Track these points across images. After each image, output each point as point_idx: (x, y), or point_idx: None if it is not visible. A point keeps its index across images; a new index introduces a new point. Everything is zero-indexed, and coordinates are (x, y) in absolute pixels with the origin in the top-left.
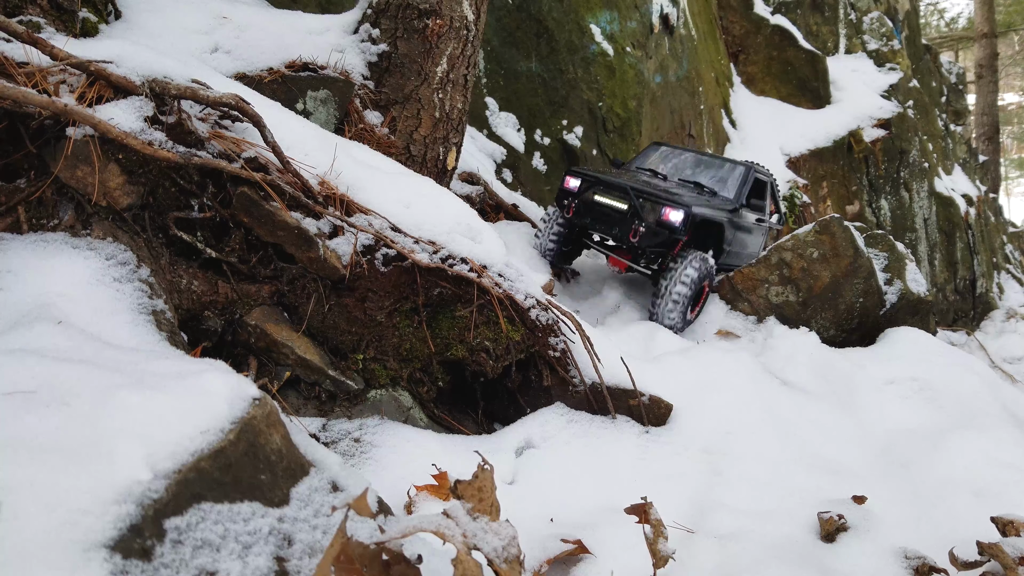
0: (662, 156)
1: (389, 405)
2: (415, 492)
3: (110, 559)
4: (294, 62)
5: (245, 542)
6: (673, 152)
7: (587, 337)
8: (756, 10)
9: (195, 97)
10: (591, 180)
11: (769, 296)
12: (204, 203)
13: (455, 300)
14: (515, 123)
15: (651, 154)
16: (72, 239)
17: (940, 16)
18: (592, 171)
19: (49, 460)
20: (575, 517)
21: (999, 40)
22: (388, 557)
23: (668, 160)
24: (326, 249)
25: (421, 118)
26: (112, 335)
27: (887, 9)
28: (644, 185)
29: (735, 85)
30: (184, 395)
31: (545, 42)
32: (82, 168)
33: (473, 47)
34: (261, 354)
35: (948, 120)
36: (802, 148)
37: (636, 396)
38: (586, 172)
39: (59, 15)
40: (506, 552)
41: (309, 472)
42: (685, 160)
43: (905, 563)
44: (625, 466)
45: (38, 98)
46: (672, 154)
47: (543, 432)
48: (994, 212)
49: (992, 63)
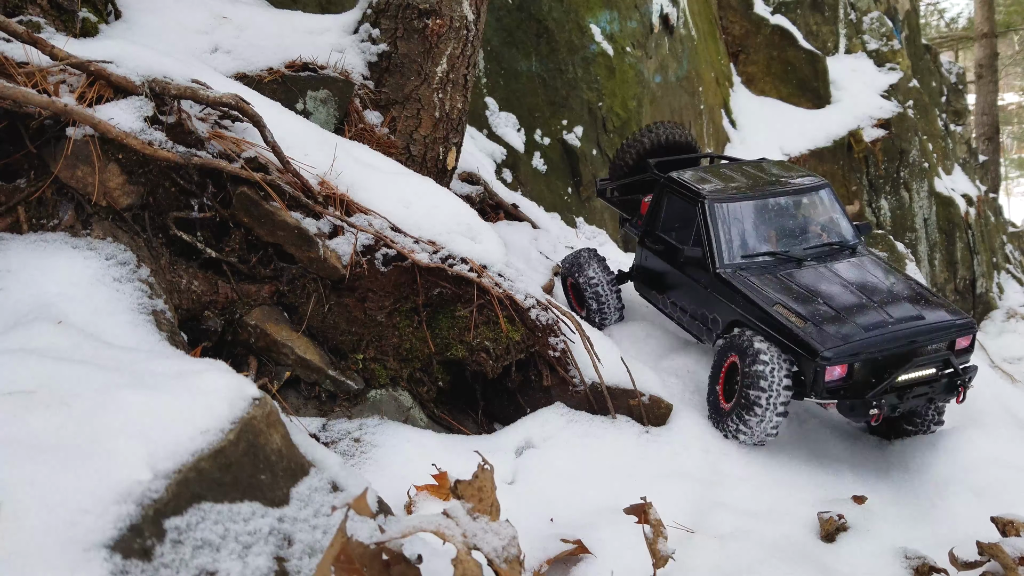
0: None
1: (389, 405)
2: (415, 492)
3: (110, 559)
4: (294, 62)
5: (245, 542)
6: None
7: (587, 337)
8: (756, 10)
9: (195, 97)
10: (875, 349)
11: None
12: (204, 203)
13: (455, 300)
14: (515, 123)
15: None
16: (72, 239)
17: (940, 16)
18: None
19: (49, 460)
20: (575, 517)
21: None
22: (388, 557)
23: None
24: (326, 249)
25: (421, 118)
26: (112, 335)
27: (887, 9)
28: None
29: (735, 85)
30: (184, 395)
31: (545, 42)
32: (82, 168)
33: (473, 47)
34: (261, 354)
35: (948, 120)
36: (802, 148)
37: (636, 396)
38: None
39: (59, 15)
40: (506, 552)
41: (309, 472)
42: (773, 210)
43: (905, 563)
44: (625, 466)
45: (38, 98)
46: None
47: (543, 432)
48: (994, 212)
49: (992, 63)
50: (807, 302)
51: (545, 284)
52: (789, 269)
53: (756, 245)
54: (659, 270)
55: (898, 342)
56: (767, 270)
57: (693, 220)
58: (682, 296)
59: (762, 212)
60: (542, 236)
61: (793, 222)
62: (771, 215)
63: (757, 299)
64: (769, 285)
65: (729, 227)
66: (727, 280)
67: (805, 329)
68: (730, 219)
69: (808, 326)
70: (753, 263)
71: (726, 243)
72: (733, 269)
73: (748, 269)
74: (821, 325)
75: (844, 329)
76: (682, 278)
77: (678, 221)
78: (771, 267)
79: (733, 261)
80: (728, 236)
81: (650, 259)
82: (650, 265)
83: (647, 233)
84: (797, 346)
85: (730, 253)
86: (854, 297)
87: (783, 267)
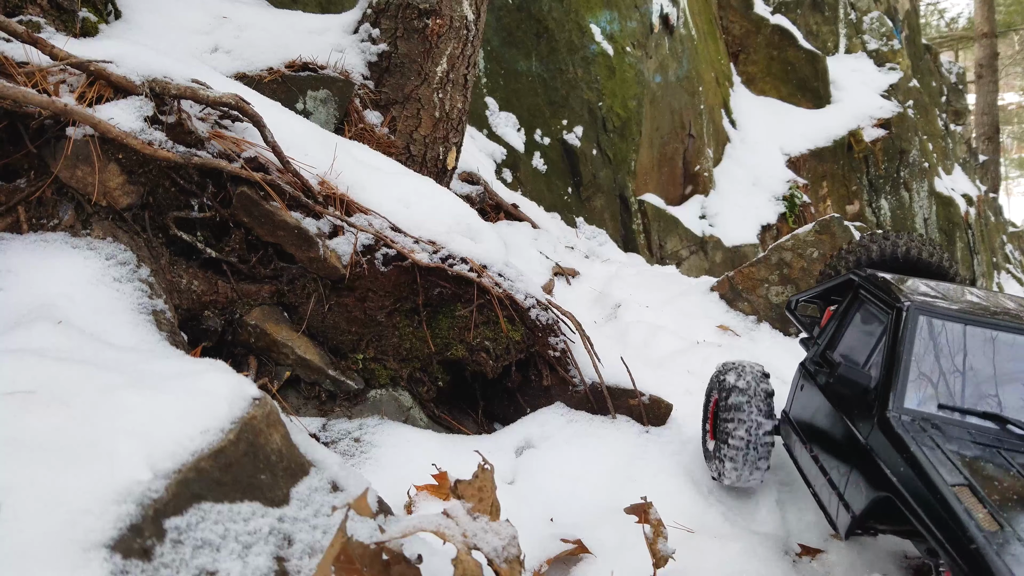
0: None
1: (389, 405)
2: (415, 492)
3: (110, 559)
4: (294, 62)
5: (245, 542)
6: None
7: (587, 337)
8: (756, 10)
9: (195, 97)
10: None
11: (769, 296)
12: (204, 203)
13: (455, 300)
14: (515, 123)
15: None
16: (72, 239)
17: (940, 16)
18: None
19: (49, 460)
20: (575, 517)
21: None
22: (388, 557)
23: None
24: (326, 249)
25: (421, 118)
26: (112, 335)
27: (887, 9)
28: None
29: (735, 85)
30: (184, 395)
31: (545, 42)
32: (82, 168)
33: (473, 47)
34: (261, 354)
35: (948, 120)
36: (802, 148)
37: (636, 396)
38: None
39: (59, 15)
40: (506, 552)
41: (309, 472)
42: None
43: (905, 562)
44: (625, 466)
45: (38, 98)
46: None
47: (543, 432)
48: (994, 212)
49: (992, 63)
50: (1018, 504)
51: (545, 284)
52: (1019, 451)
53: (970, 397)
54: (811, 407)
55: None
56: (973, 439)
57: (881, 338)
58: (827, 447)
59: (1002, 352)
60: (542, 236)
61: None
62: (1017, 361)
63: (930, 470)
64: (964, 461)
65: (934, 356)
66: (896, 433)
67: (994, 540)
68: (939, 344)
69: (1000, 535)
70: (953, 421)
71: (917, 377)
72: (914, 419)
73: (940, 428)
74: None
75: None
76: (834, 419)
77: (863, 340)
78: (983, 437)
79: (919, 407)
80: (925, 368)
81: (805, 391)
82: (802, 401)
83: (813, 353)
84: (962, 558)
85: (919, 394)
86: None
87: (1010, 445)
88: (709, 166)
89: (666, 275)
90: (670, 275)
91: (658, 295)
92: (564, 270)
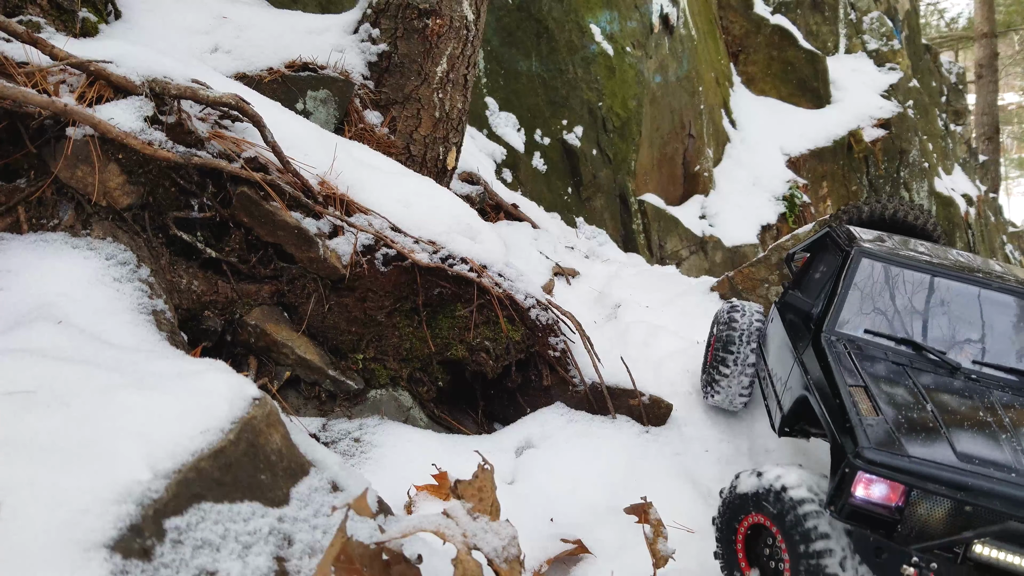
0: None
1: (389, 405)
2: (415, 492)
3: (110, 559)
4: (294, 62)
5: (245, 542)
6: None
7: (587, 337)
8: (756, 10)
9: (195, 97)
10: (947, 484)
11: (769, 296)
12: (204, 203)
13: (455, 300)
14: (515, 123)
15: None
16: (72, 239)
17: (940, 16)
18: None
19: (49, 460)
20: (575, 517)
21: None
22: (388, 557)
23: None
24: (326, 249)
25: (421, 118)
26: (112, 335)
27: (887, 9)
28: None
29: (735, 85)
30: (184, 395)
31: (545, 42)
32: (82, 168)
33: (473, 47)
34: (261, 354)
35: (948, 120)
36: (802, 148)
37: (636, 396)
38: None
39: (59, 15)
40: (506, 552)
41: (309, 472)
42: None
43: None
44: (625, 466)
45: (38, 98)
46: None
47: (543, 432)
48: (994, 212)
49: (992, 63)
50: (908, 405)
51: (545, 284)
52: (926, 371)
53: (897, 327)
54: (774, 337)
55: (1005, 501)
56: (889, 360)
57: (832, 276)
58: (777, 365)
59: (932, 294)
60: (542, 236)
61: (982, 324)
62: (947, 303)
63: (838, 373)
64: (872, 371)
65: (869, 290)
66: (822, 348)
67: (866, 420)
68: (876, 281)
69: (874, 420)
70: (877, 344)
71: (851, 305)
72: (840, 339)
73: (863, 348)
74: (894, 425)
75: (923, 442)
76: (785, 343)
77: (821, 279)
78: (900, 359)
79: (848, 331)
80: (859, 299)
81: (773, 324)
82: (769, 333)
83: (784, 292)
84: (841, 437)
85: (851, 320)
86: (990, 427)
87: (919, 366)
88: (709, 166)
89: (666, 275)
90: (670, 275)
91: (658, 295)
92: (564, 270)
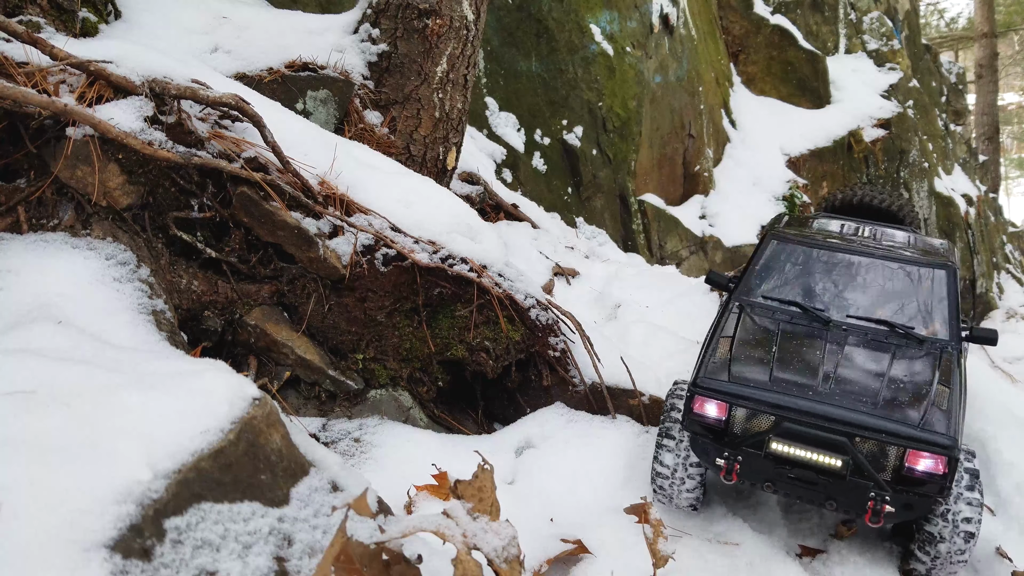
0: (804, 261)
1: (389, 405)
2: (415, 492)
3: (110, 559)
4: (294, 62)
5: (245, 542)
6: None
7: (587, 337)
8: (756, 10)
9: (195, 97)
10: (751, 400)
11: None
12: (204, 203)
13: (455, 300)
14: (515, 123)
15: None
16: (72, 239)
17: (940, 16)
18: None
19: (49, 460)
20: (575, 517)
21: (999, 40)
22: (388, 557)
23: (819, 271)
24: (326, 249)
25: (421, 118)
26: (112, 335)
27: (887, 9)
28: (847, 394)
29: (735, 85)
30: (184, 395)
31: (545, 42)
32: (82, 168)
33: (473, 47)
34: (261, 354)
35: (948, 120)
36: (802, 148)
37: (636, 396)
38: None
39: (59, 15)
40: (506, 552)
41: (309, 472)
42: (848, 269)
43: (905, 567)
44: (625, 466)
45: (38, 98)
46: (823, 256)
47: (543, 432)
48: (994, 212)
49: (992, 63)
50: (758, 348)
51: (545, 284)
52: (802, 325)
53: (791, 293)
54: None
55: (798, 415)
56: (776, 316)
57: None
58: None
59: (828, 266)
60: (542, 236)
61: (864, 288)
62: (839, 273)
63: (719, 327)
64: (752, 325)
65: (776, 266)
66: (725, 308)
67: (711, 359)
68: (783, 259)
69: (719, 359)
70: (768, 306)
71: (758, 277)
72: (741, 303)
73: (756, 308)
74: (732, 361)
75: (747, 372)
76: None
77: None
78: (784, 316)
79: (751, 297)
80: (766, 273)
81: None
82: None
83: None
84: (696, 371)
85: (756, 288)
86: (820, 361)
87: (798, 321)
88: (709, 166)
89: (666, 275)
90: (670, 275)
91: (658, 295)
92: (564, 270)
